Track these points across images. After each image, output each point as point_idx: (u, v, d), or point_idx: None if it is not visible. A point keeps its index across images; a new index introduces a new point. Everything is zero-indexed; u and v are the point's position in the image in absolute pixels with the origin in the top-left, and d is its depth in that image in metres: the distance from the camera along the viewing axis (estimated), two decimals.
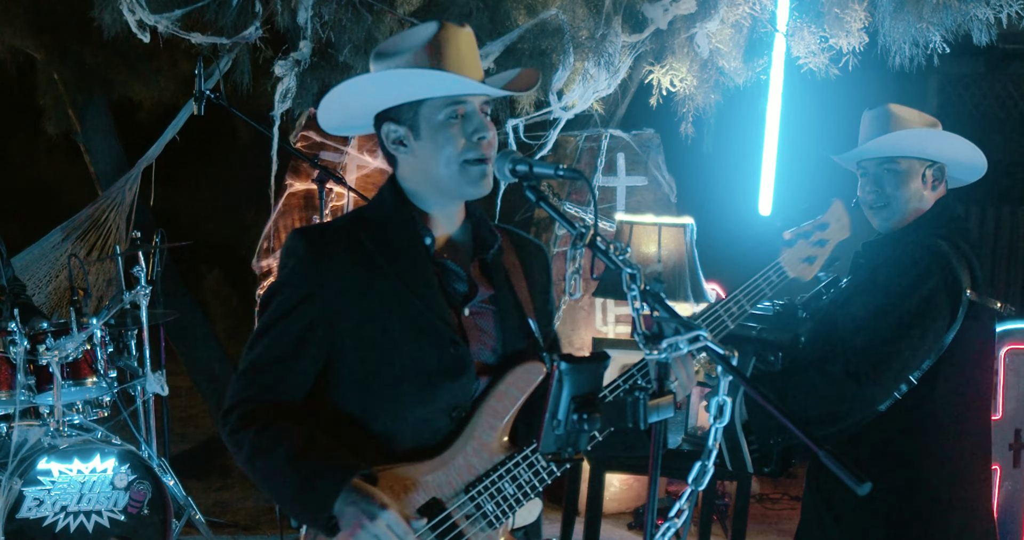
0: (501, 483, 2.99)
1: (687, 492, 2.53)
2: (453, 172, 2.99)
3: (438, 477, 2.96)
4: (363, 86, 3.05)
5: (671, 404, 2.50)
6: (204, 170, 14.23)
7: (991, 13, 6.44)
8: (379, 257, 3.01)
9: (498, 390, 3.03)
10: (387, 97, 3.03)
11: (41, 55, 9.11)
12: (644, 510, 3.63)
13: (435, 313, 3.01)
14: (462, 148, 2.97)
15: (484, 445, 3.00)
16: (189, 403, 11.25)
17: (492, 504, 2.99)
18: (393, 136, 3.07)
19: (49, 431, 6.15)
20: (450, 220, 3.14)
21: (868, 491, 2.28)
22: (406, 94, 3.01)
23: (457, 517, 2.96)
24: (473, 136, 2.98)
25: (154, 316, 6.94)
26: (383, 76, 3.03)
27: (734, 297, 3.38)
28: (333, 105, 3.13)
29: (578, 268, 3.09)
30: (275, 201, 7.52)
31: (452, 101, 2.98)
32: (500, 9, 6.84)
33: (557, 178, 2.76)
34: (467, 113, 3.00)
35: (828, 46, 6.81)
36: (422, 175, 3.06)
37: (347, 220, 3.19)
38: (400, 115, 3.04)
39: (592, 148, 8.25)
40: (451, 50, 3.01)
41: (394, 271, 3.00)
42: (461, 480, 2.98)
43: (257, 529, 7.77)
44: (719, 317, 3.32)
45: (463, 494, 2.97)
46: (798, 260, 3.57)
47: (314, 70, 7.10)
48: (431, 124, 3.00)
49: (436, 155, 2.99)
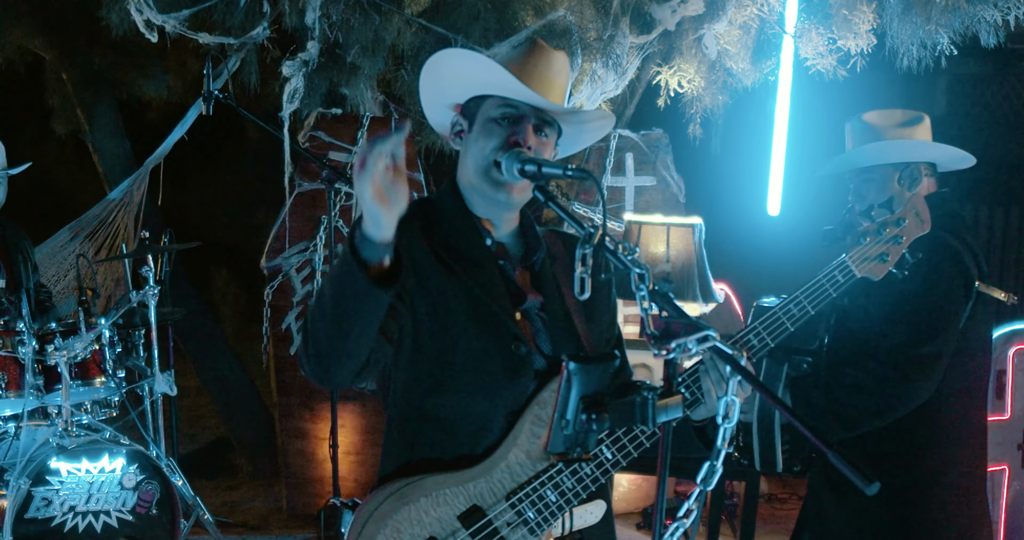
0: (543, 490, 2.98)
1: (696, 492, 2.54)
2: (481, 168, 3.01)
3: (479, 485, 2.97)
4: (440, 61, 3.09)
5: (679, 404, 2.50)
6: (212, 170, 14.26)
7: (999, 15, 6.43)
8: (447, 247, 3.03)
9: (542, 397, 3.02)
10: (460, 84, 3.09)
11: (49, 55, 9.11)
12: (653, 510, 3.63)
13: (501, 308, 3.02)
14: (498, 146, 2.99)
15: (527, 453, 3.00)
16: (197, 403, 11.26)
17: (533, 511, 2.97)
18: (456, 128, 3.15)
19: (58, 431, 6.15)
20: (501, 226, 3.16)
21: (876, 491, 2.28)
22: (474, 84, 3.06)
23: (498, 524, 2.95)
24: (510, 138, 2.99)
25: (162, 316, 6.94)
26: (453, 53, 3.07)
27: (795, 299, 3.28)
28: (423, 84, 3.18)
29: (587, 268, 3.08)
30: (287, 201, 7.53)
31: (509, 104, 3.02)
32: (508, 10, 6.84)
33: (566, 178, 2.75)
34: (517, 118, 3.02)
35: (836, 47, 6.81)
36: (464, 170, 3.11)
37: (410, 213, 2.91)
38: (468, 109, 3.11)
39: (601, 148, 8.25)
40: (539, 64, 3.09)
41: (460, 265, 3.02)
42: (503, 487, 2.98)
43: (266, 529, 7.78)
44: (779, 320, 3.23)
45: (504, 501, 2.97)
46: (869, 258, 3.43)
47: (322, 70, 7.11)
48: (483, 119, 3.05)
49: (475, 147, 3.04)
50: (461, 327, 2.98)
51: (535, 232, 3.21)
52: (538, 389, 3.03)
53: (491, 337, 3.00)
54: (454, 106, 3.17)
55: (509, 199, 3.04)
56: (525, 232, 3.22)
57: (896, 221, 3.42)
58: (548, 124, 3.08)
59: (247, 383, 9.42)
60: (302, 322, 3.05)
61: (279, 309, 7.77)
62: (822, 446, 2.35)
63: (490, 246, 3.10)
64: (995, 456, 7.15)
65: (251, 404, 9.36)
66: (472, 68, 3.03)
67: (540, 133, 3.05)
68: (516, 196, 3.04)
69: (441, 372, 3.00)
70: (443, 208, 3.13)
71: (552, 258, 3.21)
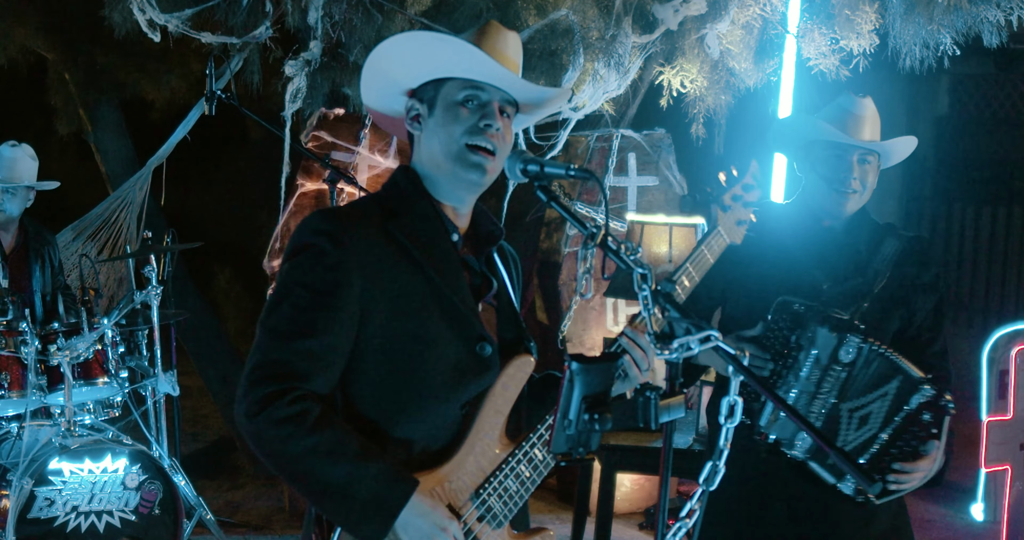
0: (507, 482, 2.99)
1: (698, 492, 2.54)
2: (452, 152, 2.96)
3: (453, 483, 2.95)
4: (398, 45, 3.02)
5: (682, 404, 2.50)
6: (215, 170, 14.26)
7: (1001, 15, 6.43)
8: (414, 252, 2.93)
9: (496, 387, 3.02)
10: (418, 68, 3.04)
11: (52, 55, 9.13)
12: (655, 510, 3.64)
13: (469, 310, 2.99)
14: (467, 130, 2.95)
15: (488, 444, 3.00)
16: (200, 403, 11.27)
17: (500, 503, 2.98)
18: (412, 113, 3.08)
19: (60, 431, 6.16)
20: (465, 212, 3.13)
21: (879, 491, 2.29)
22: (434, 67, 3.01)
23: (472, 522, 2.95)
24: (481, 122, 2.95)
25: (165, 316, 6.95)
26: (417, 36, 3.02)
27: (683, 269, 3.28)
28: (372, 69, 3.12)
29: (589, 268, 3.07)
30: (286, 201, 7.52)
31: (472, 85, 2.98)
32: (510, 10, 6.84)
33: (568, 178, 2.75)
34: (484, 102, 2.99)
35: (839, 48, 6.81)
36: (428, 155, 3.04)
37: (372, 209, 3.02)
38: (423, 93, 3.06)
39: (603, 148, 8.25)
40: (496, 44, 3.04)
41: (426, 265, 2.94)
42: (472, 483, 2.97)
43: (268, 529, 7.78)
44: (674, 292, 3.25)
45: (474, 498, 2.96)
46: (733, 224, 3.50)
47: (324, 70, 7.10)
48: (446, 101, 2.99)
49: (442, 131, 2.98)
50: (432, 329, 2.92)
51: (489, 215, 3.20)
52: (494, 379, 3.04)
53: (460, 340, 2.97)
54: (406, 91, 3.12)
55: (481, 179, 2.99)
56: (479, 215, 3.19)
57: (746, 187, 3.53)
58: (510, 104, 3.06)
59: None
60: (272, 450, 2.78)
61: None
62: (826, 447, 2.35)
63: (457, 241, 3.05)
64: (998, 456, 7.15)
65: None
66: (437, 50, 2.98)
67: (504, 114, 3.03)
68: (488, 177, 3.00)
69: (404, 377, 2.92)
70: (404, 198, 3.05)
71: None
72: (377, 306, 2.88)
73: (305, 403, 2.76)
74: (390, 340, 2.90)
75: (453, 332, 2.96)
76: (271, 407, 2.74)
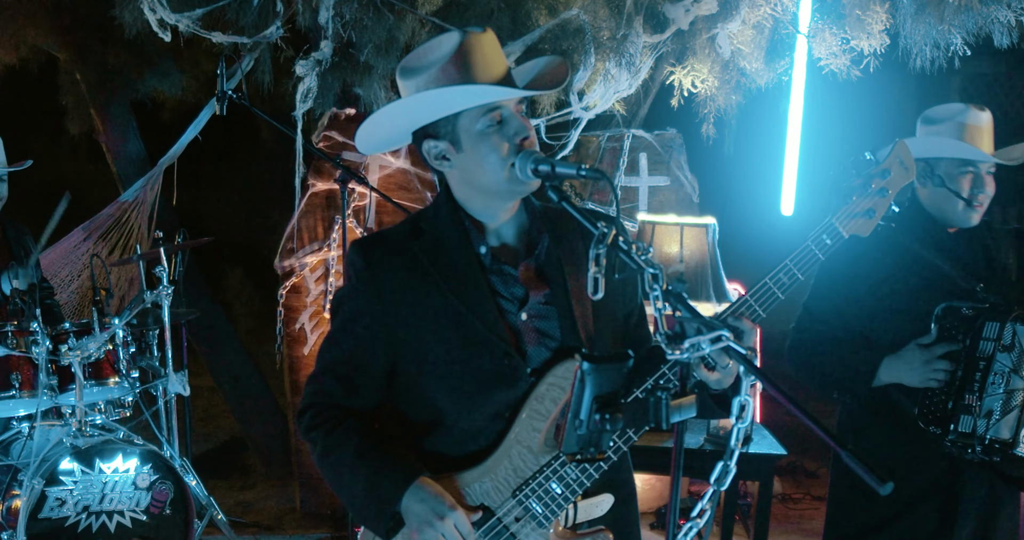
0: (548, 484, 3.01)
1: (709, 492, 2.53)
2: (501, 178, 2.96)
3: (485, 484, 3.01)
4: (397, 112, 3.04)
5: (693, 404, 2.50)
6: (226, 170, 14.28)
7: (1012, 15, 6.41)
8: (433, 272, 3.04)
9: (538, 392, 3.02)
10: (422, 116, 3.02)
11: (63, 55, 9.12)
12: (666, 510, 3.62)
13: (489, 327, 3.01)
14: (506, 153, 2.94)
15: (528, 448, 3.02)
16: (211, 403, 11.28)
17: (540, 505, 3.01)
18: (435, 152, 3.06)
19: (71, 431, 6.15)
20: (504, 223, 3.14)
21: (890, 491, 2.27)
22: (442, 110, 2.98)
23: (507, 521, 3.00)
24: (515, 138, 2.95)
25: (176, 316, 6.95)
26: (416, 100, 2.98)
27: (784, 267, 3.14)
28: (370, 132, 3.13)
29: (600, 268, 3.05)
30: (297, 201, 7.52)
31: (488, 109, 2.96)
32: (521, 9, 6.84)
33: (579, 178, 2.75)
34: (504, 117, 2.97)
35: (850, 48, 6.79)
36: (470, 185, 3.06)
37: (404, 230, 3.16)
38: (438, 130, 3.03)
39: (614, 148, 8.24)
40: (477, 58, 2.97)
41: (448, 286, 3.02)
42: (508, 485, 3.01)
43: (279, 529, 7.79)
44: (769, 290, 3.13)
45: (511, 499, 3.00)
46: (855, 216, 3.24)
47: (335, 70, 7.10)
48: (471, 135, 2.97)
49: (482, 164, 2.97)
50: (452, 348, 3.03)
51: (536, 217, 3.17)
52: (535, 384, 3.04)
53: (481, 355, 3.02)
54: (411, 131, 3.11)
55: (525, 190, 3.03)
56: (529, 220, 3.18)
57: (881, 173, 3.28)
58: (522, 101, 3.06)
59: (261, 383, 9.43)
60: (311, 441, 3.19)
61: (293, 309, 7.77)
62: (836, 446, 2.34)
63: (484, 254, 3.07)
64: None
65: (265, 404, 9.37)
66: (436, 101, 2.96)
67: (522, 114, 3.04)
68: (532, 186, 3.01)
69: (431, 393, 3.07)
70: (438, 226, 3.11)
71: (557, 239, 3.15)
72: (403, 328, 3.06)
73: (331, 417, 3.14)
74: (417, 359, 3.07)
75: (475, 349, 3.01)
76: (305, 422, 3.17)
